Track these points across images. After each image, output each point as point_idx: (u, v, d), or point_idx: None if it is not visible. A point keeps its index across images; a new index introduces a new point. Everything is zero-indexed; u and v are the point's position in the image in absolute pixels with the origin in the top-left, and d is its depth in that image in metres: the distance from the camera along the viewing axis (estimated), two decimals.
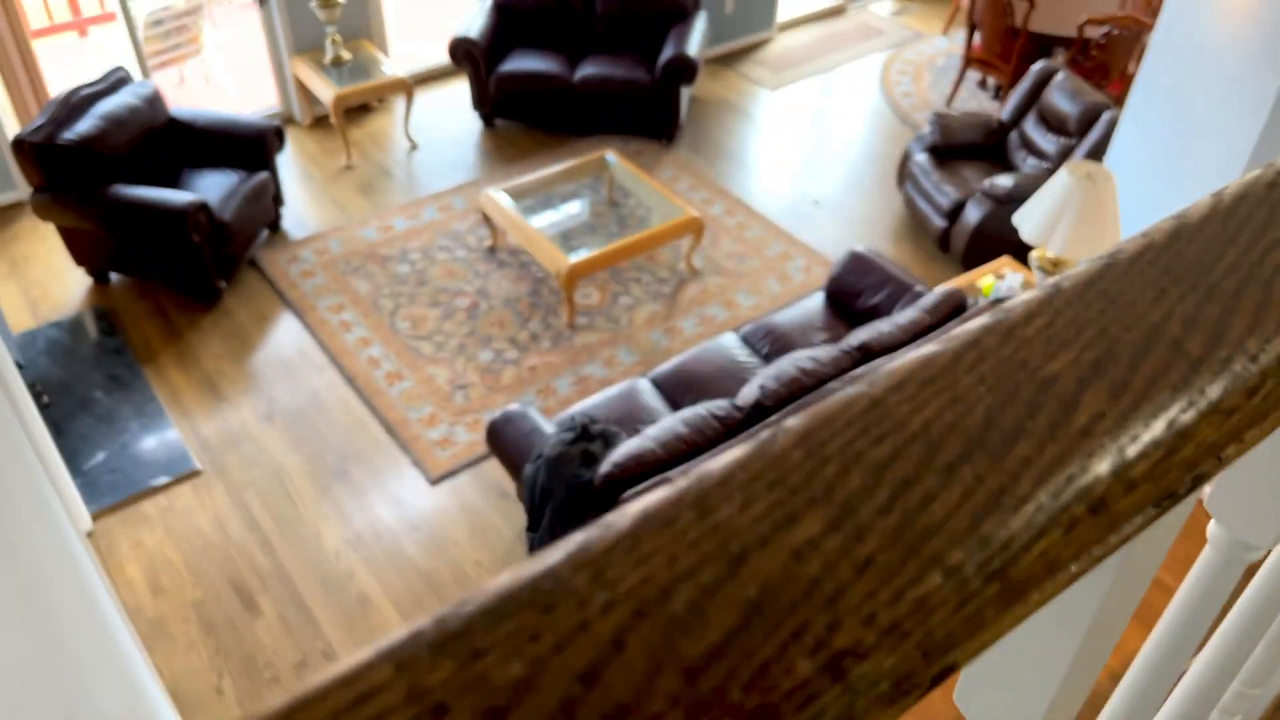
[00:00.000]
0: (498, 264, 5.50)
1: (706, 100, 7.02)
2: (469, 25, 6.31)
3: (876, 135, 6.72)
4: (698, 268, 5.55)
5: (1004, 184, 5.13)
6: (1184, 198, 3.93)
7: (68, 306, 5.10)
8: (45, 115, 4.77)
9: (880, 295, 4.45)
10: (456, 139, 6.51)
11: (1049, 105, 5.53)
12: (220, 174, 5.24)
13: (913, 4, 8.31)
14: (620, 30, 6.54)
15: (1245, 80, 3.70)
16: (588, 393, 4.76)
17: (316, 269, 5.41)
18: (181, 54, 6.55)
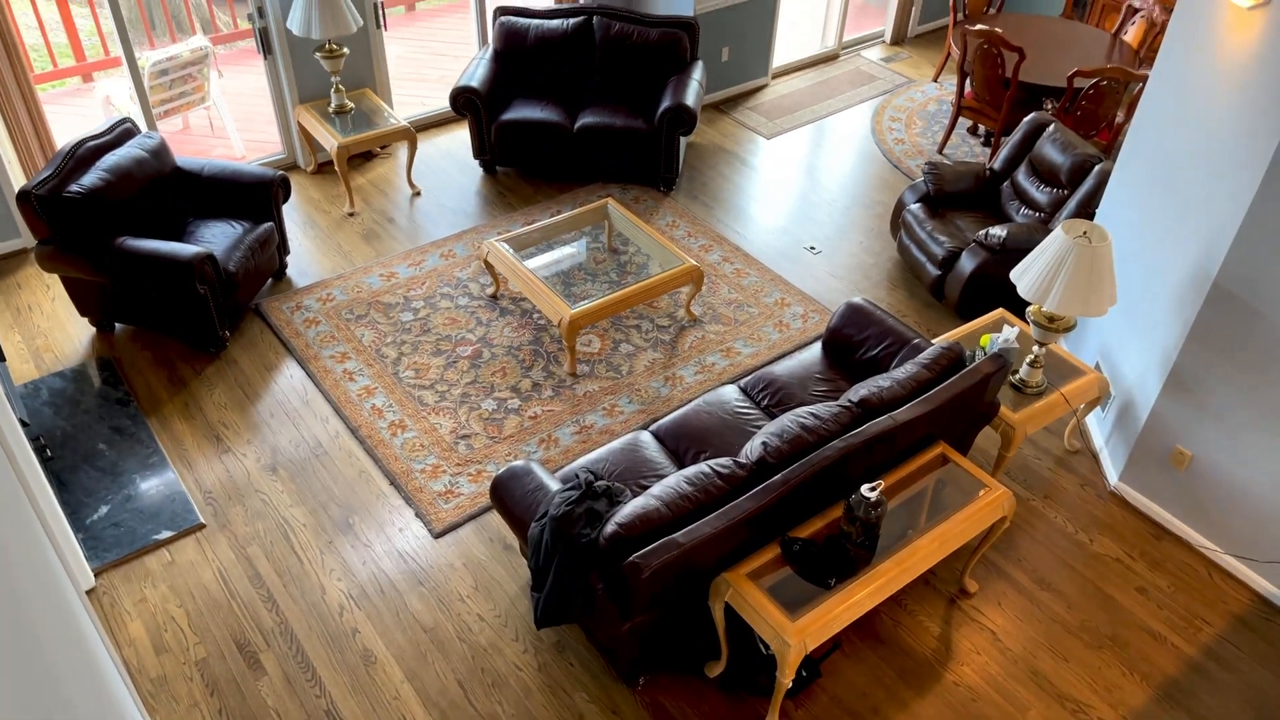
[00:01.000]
0: (500, 312, 5.55)
1: (703, 147, 7.12)
2: (470, 74, 6.40)
3: (870, 182, 6.82)
4: (697, 315, 5.61)
5: (997, 234, 5.22)
6: (1175, 259, 4.04)
7: (72, 356, 5.13)
8: (51, 168, 4.82)
9: (879, 348, 4.51)
10: (458, 186, 6.58)
11: (1041, 156, 5.63)
12: (225, 224, 5.29)
13: (904, 51, 8.45)
14: (619, 80, 6.64)
15: (1235, 145, 3.79)
16: (590, 442, 4.80)
17: (320, 317, 5.46)
18: (187, 102, 6.62)
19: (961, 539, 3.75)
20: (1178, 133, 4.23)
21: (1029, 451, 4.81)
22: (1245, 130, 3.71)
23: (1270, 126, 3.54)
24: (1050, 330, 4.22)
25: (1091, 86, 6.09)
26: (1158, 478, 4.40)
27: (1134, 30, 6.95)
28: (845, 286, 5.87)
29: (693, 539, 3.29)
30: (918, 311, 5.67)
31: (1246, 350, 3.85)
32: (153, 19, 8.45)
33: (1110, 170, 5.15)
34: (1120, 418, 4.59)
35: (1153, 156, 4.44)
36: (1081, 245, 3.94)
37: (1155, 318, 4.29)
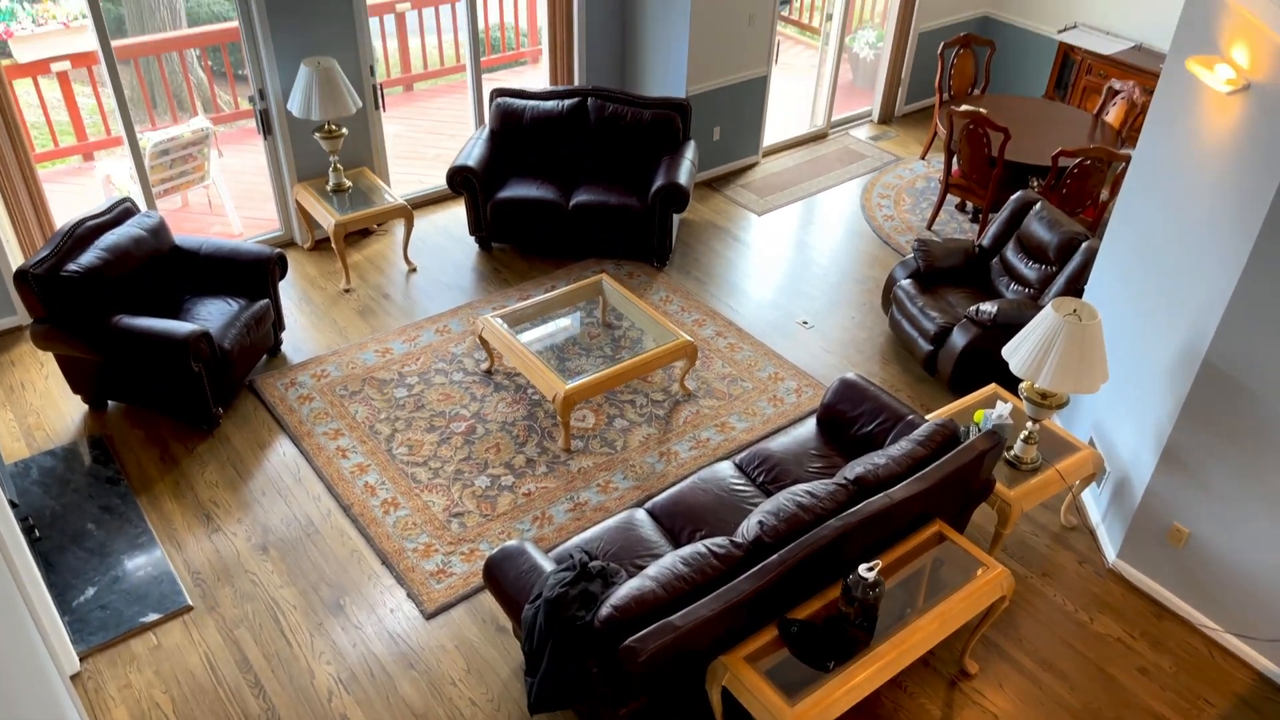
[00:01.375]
0: (494, 387, 5.56)
1: (696, 223, 7.22)
2: (467, 154, 6.52)
3: (860, 257, 6.90)
4: (691, 390, 5.62)
5: (988, 310, 5.27)
6: (1165, 336, 4.07)
7: (63, 434, 5.10)
8: (50, 247, 4.86)
9: (874, 424, 4.52)
10: (454, 262, 6.64)
11: (1028, 234, 5.72)
12: (222, 301, 5.32)
13: (891, 130, 8.64)
14: (613, 159, 6.76)
15: (1219, 224, 3.86)
16: (584, 520, 4.77)
17: (314, 393, 5.45)
18: (187, 181, 6.71)
19: (961, 619, 3.71)
20: (1162, 212, 4.32)
21: (1026, 528, 4.78)
22: (1229, 211, 3.78)
23: (1253, 207, 3.62)
24: (1043, 407, 4.24)
25: (1076, 165, 6.22)
26: (1156, 555, 4.38)
27: (1115, 111, 7.13)
28: (838, 361, 5.90)
29: (689, 621, 3.24)
30: (911, 386, 5.70)
31: (1240, 427, 3.87)
32: (155, 98, 8.61)
33: (1097, 248, 5.23)
34: (1116, 494, 4.58)
35: (1138, 235, 4.51)
36: (1072, 323, 3.98)
37: (1148, 394, 4.32)
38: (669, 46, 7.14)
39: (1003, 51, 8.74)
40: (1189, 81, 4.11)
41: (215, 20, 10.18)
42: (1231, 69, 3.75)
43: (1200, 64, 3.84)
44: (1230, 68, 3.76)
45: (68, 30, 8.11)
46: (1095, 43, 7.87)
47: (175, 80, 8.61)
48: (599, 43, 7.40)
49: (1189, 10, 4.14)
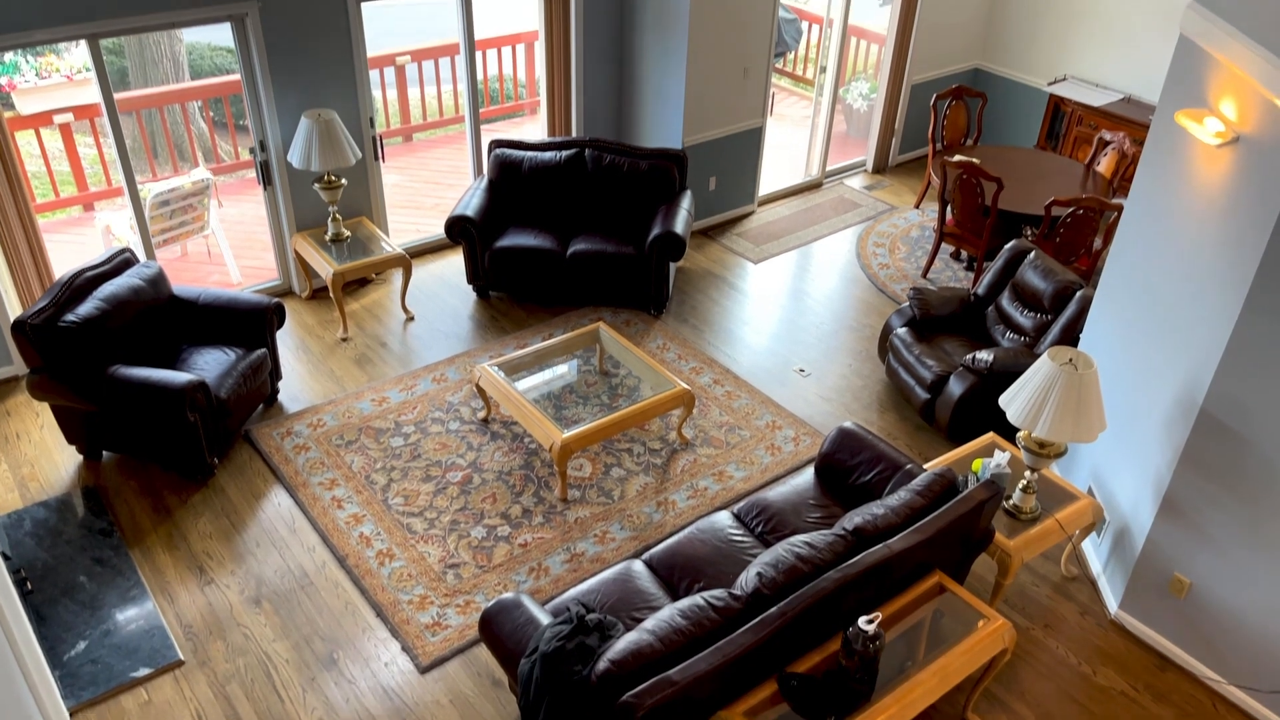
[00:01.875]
0: (491, 436, 5.54)
1: (693, 272, 7.26)
2: (466, 204, 6.57)
3: (856, 305, 6.93)
4: (689, 438, 5.61)
5: (984, 359, 5.28)
6: (1162, 385, 4.07)
7: (57, 485, 5.07)
8: (48, 297, 4.87)
9: (872, 473, 4.50)
10: (452, 310, 6.66)
11: (1023, 282, 5.76)
12: (219, 351, 5.32)
13: (885, 179, 8.73)
14: (610, 208, 6.82)
15: (1213, 275, 3.89)
16: (581, 571, 4.73)
17: (310, 443, 5.43)
18: (186, 231, 6.75)
19: (962, 673, 3.67)
20: (1156, 261, 4.35)
21: (1026, 578, 4.75)
22: (1222, 261, 3.81)
23: (1245, 258, 3.64)
24: (1041, 456, 4.23)
25: (1069, 215, 6.28)
26: (1158, 606, 4.34)
27: (1106, 161, 7.21)
28: (836, 409, 5.90)
29: (687, 676, 3.20)
30: (909, 435, 5.69)
31: (1238, 477, 3.86)
32: (156, 148, 8.69)
33: (1091, 296, 5.26)
34: (1117, 544, 4.55)
35: (1133, 284, 4.54)
36: (1068, 372, 3.99)
37: (1146, 443, 4.31)
38: (665, 98, 7.24)
39: (994, 103, 8.86)
40: (1178, 134, 4.17)
41: (218, 73, 10.31)
42: (1220, 122, 3.80)
43: (1189, 117, 3.90)
44: (1219, 121, 3.81)
45: (71, 83, 8.20)
46: (1085, 95, 7.99)
47: (177, 130, 8.70)
48: (596, 94, 7.51)
49: (1177, 64, 4.21)
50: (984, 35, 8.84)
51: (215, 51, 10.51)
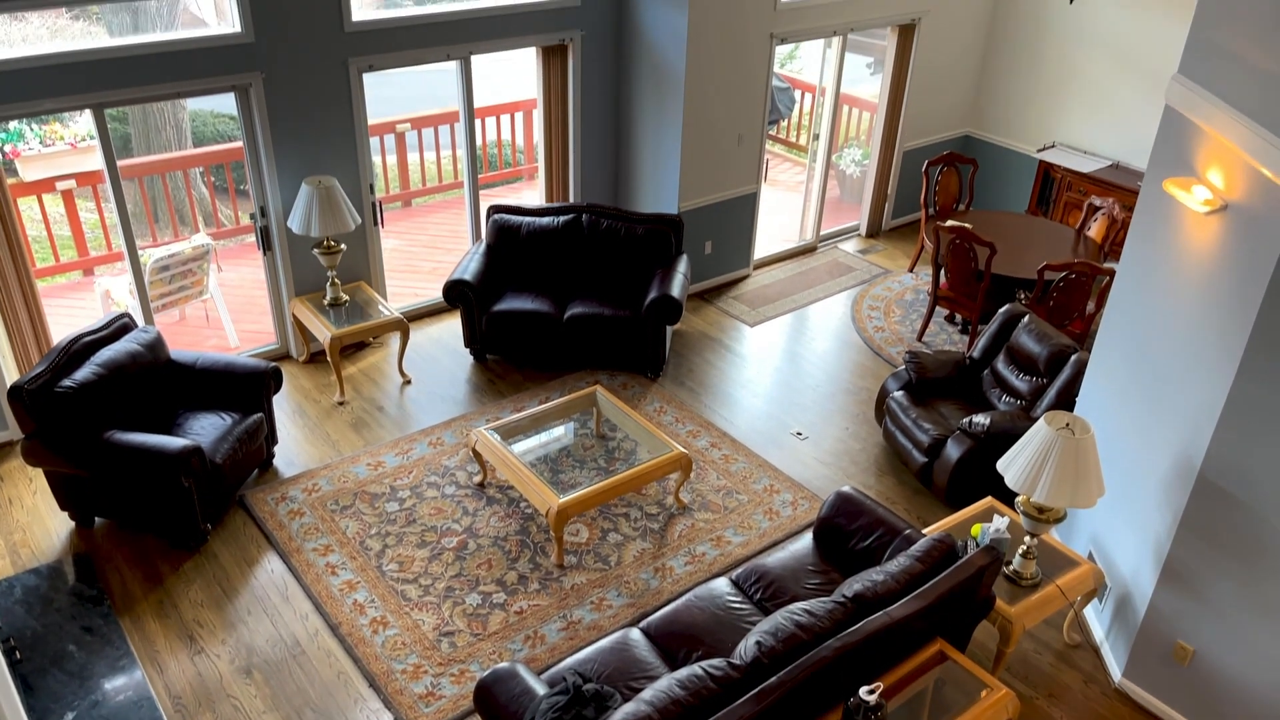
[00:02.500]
0: (486, 501, 5.51)
1: (689, 334, 7.30)
2: (464, 268, 6.62)
3: (852, 368, 6.96)
4: (686, 502, 5.58)
5: (981, 422, 5.29)
6: (1159, 449, 4.06)
7: (49, 552, 5.01)
8: (45, 363, 4.87)
9: (871, 538, 4.48)
10: (449, 374, 6.67)
11: (1018, 346, 5.79)
12: (215, 415, 5.31)
13: (879, 243, 8.83)
14: (607, 272, 6.88)
15: (1206, 340, 3.92)
16: (577, 639, 4.66)
17: (305, 508, 5.39)
18: (185, 296, 6.79)
19: None
20: (1150, 326, 4.38)
21: (1029, 646, 4.69)
22: (1215, 326, 3.84)
23: (1238, 324, 3.67)
24: (1041, 521, 4.21)
25: (1061, 279, 6.34)
26: (1162, 674, 4.28)
27: (1096, 226, 7.31)
28: (833, 473, 5.88)
29: None
30: (907, 499, 5.67)
31: (1239, 542, 3.84)
32: (157, 212, 8.78)
33: (1086, 360, 5.29)
34: (1119, 610, 4.51)
35: (1127, 348, 4.57)
36: (1065, 437, 3.99)
37: (1145, 508, 4.30)
38: (662, 165, 7.36)
39: (985, 169, 9.01)
40: (1167, 201, 4.23)
41: (220, 139, 10.47)
42: (1208, 190, 3.87)
43: (1178, 186, 3.96)
44: (1207, 189, 3.88)
45: (75, 150, 8.31)
46: (1073, 161, 8.13)
47: (178, 195, 8.79)
48: (594, 161, 7.62)
49: (1164, 133, 4.30)
50: (974, 103, 9.02)
51: (218, 118, 10.68)
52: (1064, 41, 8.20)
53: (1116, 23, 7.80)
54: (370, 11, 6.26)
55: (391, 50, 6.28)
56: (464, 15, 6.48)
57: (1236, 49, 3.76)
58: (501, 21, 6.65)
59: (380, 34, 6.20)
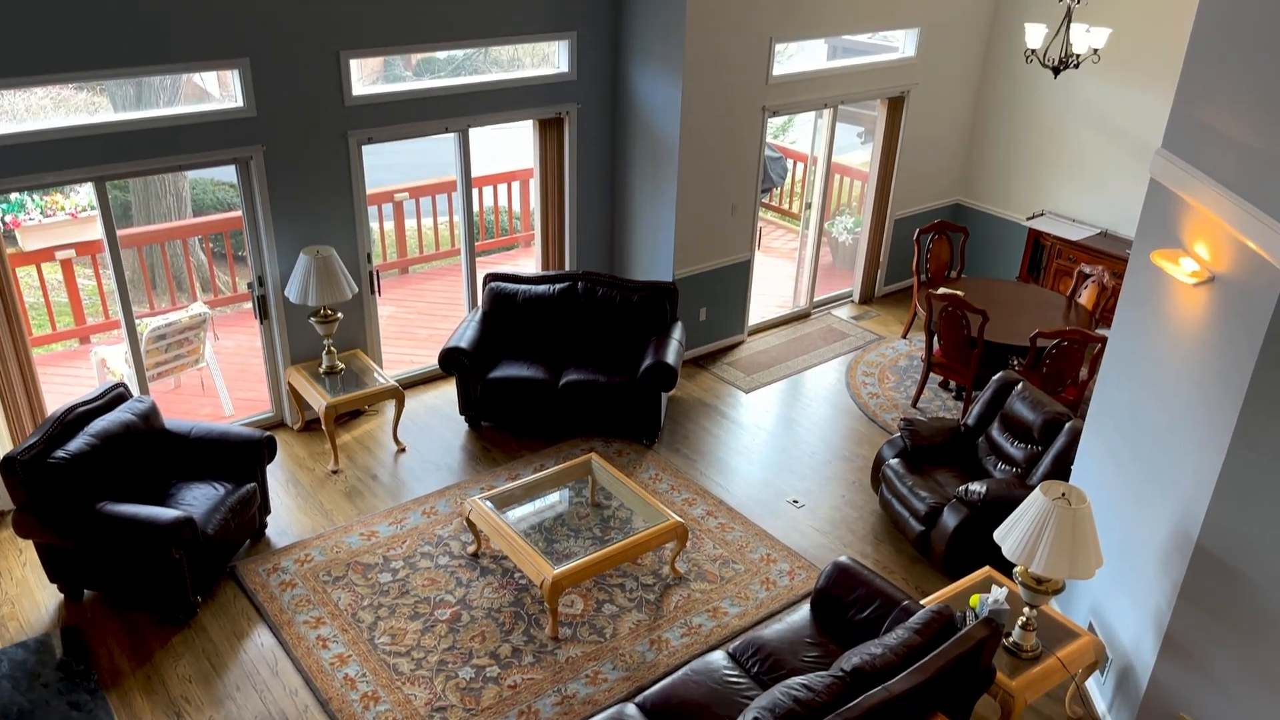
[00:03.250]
0: (480, 571, 5.46)
1: (685, 401, 7.31)
2: (460, 336, 6.65)
3: (847, 435, 6.96)
4: (682, 572, 5.53)
5: (977, 491, 5.27)
6: (1156, 519, 4.04)
7: (37, 625, 4.94)
8: (39, 433, 4.86)
9: (869, 609, 4.43)
10: (443, 441, 6.66)
11: (1012, 414, 5.80)
12: (208, 485, 5.28)
13: (872, 310, 8.90)
14: (602, 339, 6.91)
15: (1200, 409, 3.93)
16: (572, 714, 4.58)
17: (297, 579, 5.33)
18: (181, 364, 6.80)
19: None
20: (1142, 393, 4.40)
21: (1031, 719, 4.62)
22: (1207, 396, 3.86)
23: (1231, 394, 3.70)
24: (1039, 592, 4.18)
25: (1054, 346, 6.38)
26: None
27: (1087, 293, 7.39)
28: (830, 541, 5.85)
29: None
30: (905, 568, 5.62)
31: (1239, 614, 3.81)
32: (155, 279, 8.84)
33: (1080, 428, 5.30)
34: (1121, 683, 4.45)
35: (1121, 416, 4.59)
36: (1061, 507, 3.99)
37: (1144, 578, 4.27)
38: (656, 233, 7.45)
39: (976, 237, 9.13)
40: (1156, 271, 4.28)
41: (220, 207, 10.59)
42: (1195, 262, 3.92)
43: (1165, 258, 4.02)
44: (1194, 261, 3.93)
45: (75, 220, 8.40)
46: (1063, 229, 8.24)
47: (176, 262, 8.86)
48: (589, 229, 7.71)
49: (1149, 206, 4.37)
50: (963, 172, 9.17)
51: (218, 186, 10.82)
52: (1050, 113, 8.38)
53: (1101, 95, 7.98)
54: (370, 86, 6.38)
55: (391, 123, 6.40)
56: (462, 89, 6.61)
57: (1218, 124, 3.85)
58: (499, 95, 6.79)
59: (380, 108, 6.31)
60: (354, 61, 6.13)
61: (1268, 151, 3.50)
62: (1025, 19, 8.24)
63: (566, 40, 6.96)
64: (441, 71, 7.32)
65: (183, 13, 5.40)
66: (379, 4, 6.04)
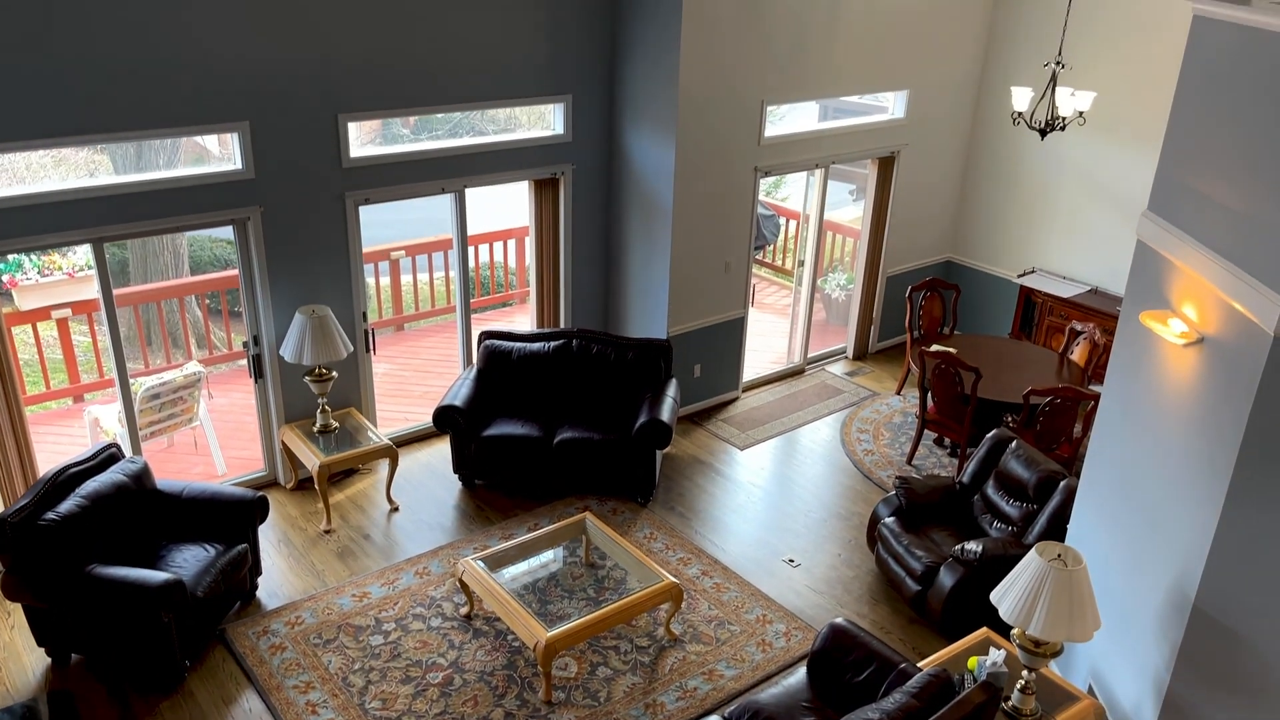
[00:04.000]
0: (473, 634, 5.39)
1: (679, 458, 7.29)
2: (454, 394, 6.66)
3: (843, 492, 6.94)
4: (677, 634, 5.47)
5: (973, 550, 5.25)
6: (1153, 580, 4.01)
7: (23, 689, 4.86)
8: (30, 495, 4.83)
9: (865, 673, 4.38)
10: (437, 500, 6.62)
11: (1007, 471, 5.80)
12: (199, 547, 5.24)
13: (866, 366, 8.93)
14: (597, 397, 6.92)
15: (1192, 469, 3.94)
16: None
17: (287, 642, 5.26)
18: (175, 423, 6.78)
19: None
20: (1136, 454, 4.41)
21: None
22: (1200, 456, 3.87)
23: (1223, 454, 3.70)
24: (1038, 655, 4.14)
25: (1047, 404, 6.40)
26: None
27: (1079, 350, 7.43)
28: (827, 601, 5.80)
29: None
30: (901, 629, 5.57)
31: (1238, 677, 3.77)
32: (150, 334, 8.85)
33: (1075, 486, 5.30)
34: None
35: (1115, 476, 4.59)
36: (1058, 569, 3.97)
37: (1143, 640, 4.23)
38: (651, 290, 7.50)
39: (968, 294, 9.20)
40: (1146, 331, 4.32)
41: (218, 263, 10.65)
42: (1184, 323, 3.96)
43: (1154, 319, 4.06)
44: (1183, 322, 3.97)
45: (72, 280, 8.43)
46: (1053, 286, 8.32)
47: (172, 318, 8.88)
48: (584, 286, 7.77)
49: (1137, 267, 4.42)
50: (954, 229, 9.28)
51: (216, 243, 10.89)
52: (1039, 172, 8.51)
53: (1088, 155, 8.11)
54: (367, 148, 6.47)
55: (388, 185, 6.47)
56: (459, 151, 6.71)
57: (1201, 188, 3.92)
58: (495, 157, 6.89)
59: (377, 169, 6.39)
60: (352, 124, 6.22)
61: (1250, 214, 3.56)
62: (1012, 82, 8.41)
63: (562, 103, 7.08)
64: (439, 129, 7.42)
65: (185, 77, 5.50)
66: (378, 68, 6.16)
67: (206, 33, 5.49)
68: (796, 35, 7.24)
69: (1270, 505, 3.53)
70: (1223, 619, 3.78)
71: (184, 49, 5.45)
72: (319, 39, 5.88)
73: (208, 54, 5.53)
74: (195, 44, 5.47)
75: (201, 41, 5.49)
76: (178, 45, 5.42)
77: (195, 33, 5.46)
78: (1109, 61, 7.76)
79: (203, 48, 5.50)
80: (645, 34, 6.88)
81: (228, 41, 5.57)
